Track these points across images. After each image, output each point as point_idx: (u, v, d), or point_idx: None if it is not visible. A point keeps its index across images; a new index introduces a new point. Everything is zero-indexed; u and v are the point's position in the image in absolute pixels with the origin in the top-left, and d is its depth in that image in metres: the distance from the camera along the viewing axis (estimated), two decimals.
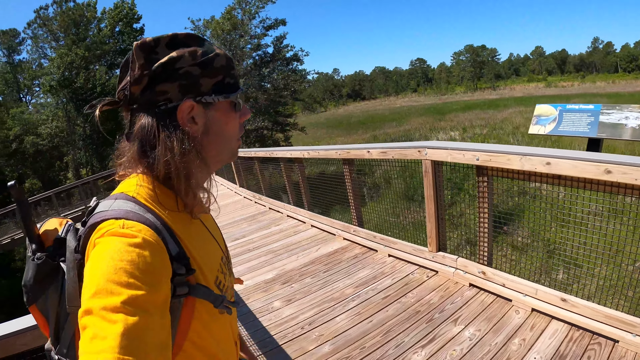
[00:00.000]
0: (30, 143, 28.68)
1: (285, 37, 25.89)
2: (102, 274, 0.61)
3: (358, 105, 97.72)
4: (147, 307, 0.61)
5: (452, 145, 3.08)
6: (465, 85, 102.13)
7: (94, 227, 0.71)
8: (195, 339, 0.81)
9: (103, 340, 0.54)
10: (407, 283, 3.62)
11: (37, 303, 0.83)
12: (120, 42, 29.75)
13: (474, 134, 30.27)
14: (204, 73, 0.79)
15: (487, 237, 3.04)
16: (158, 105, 0.77)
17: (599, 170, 2.14)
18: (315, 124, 59.02)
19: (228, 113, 0.85)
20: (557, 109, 3.34)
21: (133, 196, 0.76)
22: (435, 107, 57.52)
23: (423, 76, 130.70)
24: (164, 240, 0.72)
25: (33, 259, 0.82)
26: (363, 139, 37.49)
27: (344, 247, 4.82)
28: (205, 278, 0.81)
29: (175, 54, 0.76)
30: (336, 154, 4.77)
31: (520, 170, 2.59)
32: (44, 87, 26.42)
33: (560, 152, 2.38)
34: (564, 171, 2.31)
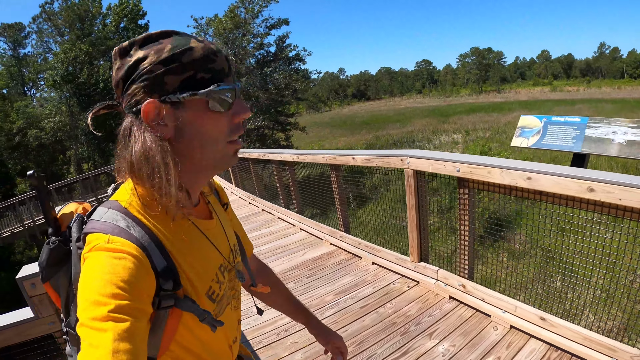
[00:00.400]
0: (33, 137, 28.65)
1: (287, 37, 25.78)
2: (90, 288, 0.64)
3: (363, 106, 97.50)
4: (134, 314, 0.63)
5: (433, 155, 2.98)
6: (471, 87, 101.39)
7: (86, 236, 0.74)
8: (181, 342, 0.82)
9: (97, 349, 0.58)
10: (387, 292, 3.53)
11: (50, 281, 0.88)
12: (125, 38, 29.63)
13: (477, 137, 30.10)
14: (169, 70, 0.73)
15: (467, 250, 2.93)
16: (130, 107, 0.76)
17: (581, 187, 2.03)
18: (320, 124, 58.96)
19: (203, 112, 0.76)
20: (542, 120, 3.19)
21: (125, 207, 0.77)
22: (439, 109, 57.30)
23: (428, 77, 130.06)
24: (148, 256, 0.72)
25: (48, 242, 0.86)
26: (366, 140, 37.40)
27: (330, 253, 4.73)
28: (195, 290, 0.81)
29: (141, 53, 0.74)
30: (323, 159, 4.67)
31: (501, 184, 2.48)
32: (48, 81, 26.41)
33: (542, 166, 2.26)
34: (545, 187, 2.20)
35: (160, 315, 0.75)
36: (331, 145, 37.52)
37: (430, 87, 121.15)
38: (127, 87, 0.75)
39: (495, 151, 20.88)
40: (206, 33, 25.09)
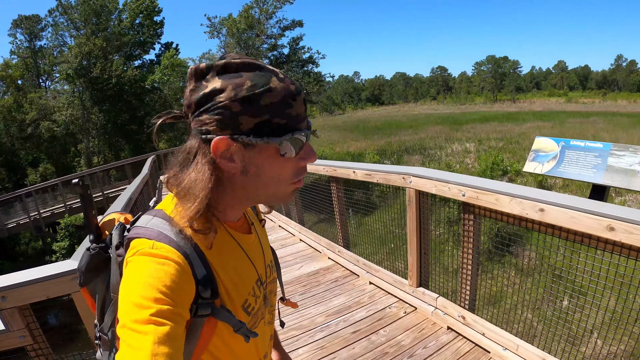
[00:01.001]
0: (45, 128, 28.63)
1: (301, 39, 25.49)
2: (133, 291, 0.65)
3: (376, 110, 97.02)
4: (174, 319, 0.64)
5: (438, 175, 2.72)
6: (485, 96, 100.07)
7: (130, 241, 0.75)
8: (214, 352, 0.82)
9: (137, 351, 0.59)
10: (381, 317, 3.28)
11: (87, 286, 0.90)
12: (140, 34, 29.63)
13: (489, 147, 29.64)
14: (245, 110, 0.71)
15: (470, 280, 2.67)
16: (200, 133, 0.74)
17: (600, 225, 1.77)
18: (332, 127, 58.68)
19: (273, 157, 0.75)
20: (560, 144, 2.88)
21: (170, 215, 0.77)
22: (453, 116, 56.74)
23: (443, 84, 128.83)
24: (190, 264, 0.73)
25: (89, 249, 0.87)
26: (377, 145, 37.03)
27: (327, 268, 4.49)
28: (232, 302, 0.81)
29: (219, 84, 0.71)
30: (323, 169, 4.44)
31: (510, 214, 2.22)
32: (61, 74, 26.33)
33: (556, 197, 2.00)
34: (559, 221, 1.94)
35: (196, 323, 0.75)
36: (342, 149, 37.24)
37: (444, 94, 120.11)
38: (200, 113, 0.73)
39: (507, 162, 20.53)
40: (219, 32, 24.96)
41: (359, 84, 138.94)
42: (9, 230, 17.00)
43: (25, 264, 19.01)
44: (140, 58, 31.43)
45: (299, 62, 25.55)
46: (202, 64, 0.74)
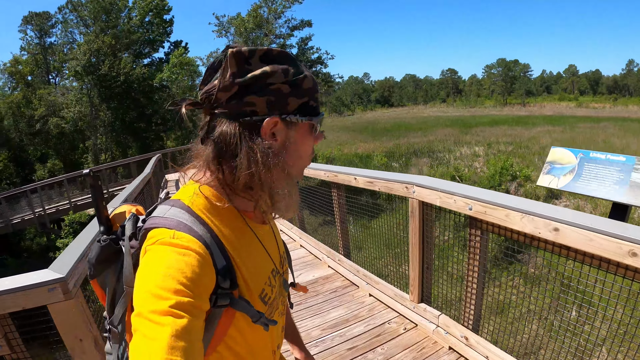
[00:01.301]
0: (54, 124, 28.73)
1: (310, 39, 25.27)
2: (152, 280, 0.64)
3: (386, 112, 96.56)
4: (193, 312, 0.63)
5: (443, 186, 2.52)
6: (495, 99, 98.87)
7: (148, 231, 0.75)
8: (230, 343, 0.82)
9: (153, 342, 0.57)
10: (380, 334, 3.08)
11: (97, 278, 0.88)
12: (149, 32, 29.51)
13: (498, 151, 29.27)
14: (293, 92, 0.78)
15: (474, 300, 2.47)
16: (243, 116, 0.76)
17: (621, 250, 1.57)
18: (341, 128, 58.47)
19: (307, 135, 0.84)
20: (578, 156, 2.46)
21: (189, 205, 0.78)
22: (462, 119, 56.29)
23: (453, 87, 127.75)
24: (211, 254, 0.73)
25: (99, 240, 0.87)
26: (386, 147, 36.77)
27: (327, 277, 4.30)
28: (250, 292, 0.82)
29: (269, 68, 0.75)
30: (324, 175, 4.25)
31: (521, 232, 2.02)
32: (70, 71, 26.32)
33: (573, 216, 1.79)
34: (575, 243, 1.74)
35: (214, 313, 0.75)
36: (350, 150, 37.01)
37: (454, 97, 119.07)
38: (244, 95, 0.75)
39: (517, 167, 20.18)
40: (227, 31, 24.81)
41: (368, 85, 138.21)
42: (13, 226, 16.98)
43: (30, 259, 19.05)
44: (149, 56, 31.33)
45: (308, 62, 25.31)
46: (243, 47, 0.77)
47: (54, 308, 1.77)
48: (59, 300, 1.74)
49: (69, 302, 1.76)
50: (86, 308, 1.92)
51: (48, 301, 1.75)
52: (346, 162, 32.16)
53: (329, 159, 31.93)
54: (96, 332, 1.93)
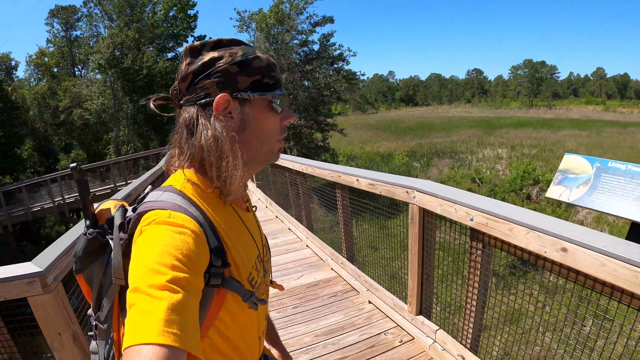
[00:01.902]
0: (78, 116, 28.94)
1: (332, 36, 24.86)
2: (149, 256, 0.65)
3: (410, 111, 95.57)
4: (189, 288, 0.64)
5: (444, 193, 2.29)
6: (521, 100, 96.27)
7: (142, 215, 0.75)
8: (220, 327, 0.83)
9: (150, 315, 0.57)
10: (374, 344, 2.88)
11: (83, 273, 0.87)
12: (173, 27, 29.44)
13: (522, 154, 28.59)
14: (241, 72, 0.82)
15: (474, 318, 2.24)
16: (199, 99, 0.81)
17: (637, 279, 1.33)
18: (364, 126, 58.12)
19: (265, 111, 0.85)
20: (594, 165, 2.12)
21: (180, 190, 0.81)
22: (487, 120, 55.25)
23: (479, 87, 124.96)
24: (205, 233, 0.75)
25: (85, 233, 0.86)
26: (408, 147, 36.35)
27: (328, 280, 4.11)
28: (239, 273, 0.83)
29: (216, 54, 0.81)
30: (329, 175, 4.04)
31: (525, 249, 1.77)
32: (93, 64, 26.42)
33: (585, 235, 1.53)
34: (585, 267, 1.50)
35: (207, 292, 0.76)
36: (372, 149, 36.70)
37: (479, 97, 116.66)
38: (198, 81, 0.81)
39: (539, 172, 19.58)
40: (249, 27, 24.59)
41: (393, 83, 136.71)
42: (33, 214, 17.30)
43: None
44: (173, 50, 31.17)
45: (329, 58, 25.01)
46: (195, 42, 0.84)
47: (33, 301, 1.80)
48: (38, 293, 1.78)
49: (48, 295, 1.79)
50: (67, 303, 1.93)
51: (27, 294, 1.78)
52: (367, 160, 31.98)
53: (350, 157, 31.73)
54: (76, 327, 1.96)
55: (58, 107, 30.29)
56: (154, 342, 0.55)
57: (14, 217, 17.30)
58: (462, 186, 19.45)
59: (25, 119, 29.11)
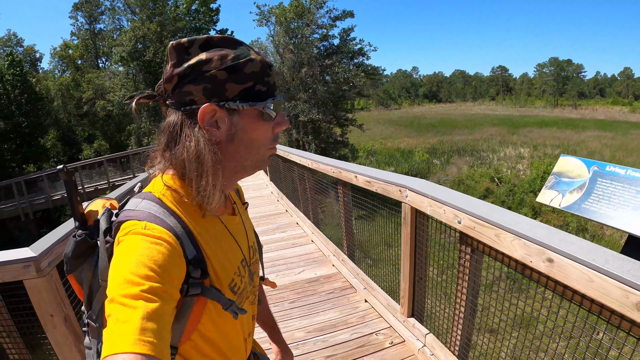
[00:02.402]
0: (101, 107, 29.21)
1: (352, 30, 24.51)
2: (125, 267, 0.64)
3: (433, 107, 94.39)
4: (164, 297, 0.63)
5: (435, 193, 2.17)
6: (546, 99, 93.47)
7: (121, 224, 0.74)
8: (203, 331, 0.82)
9: (125, 324, 0.57)
10: (364, 344, 2.81)
11: (74, 273, 0.86)
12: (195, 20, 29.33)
13: (545, 154, 27.94)
14: (231, 78, 0.75)
15: (462, 324, 2.14)
16: (184, 105, 0.76)
17: (627, 299, 1.18)
18: (387, 121, 57.71)
19: (256, 121, 0.80)
20: (591, 169, 1.89)
21: (159, 197, 0.78)
22: (511, 118, 54.19)
23: (503, 84, 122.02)
24: (181, 244, 0.73)
25: (74, 235, 0.84)
26: (429, 143, 35.93)
27: (328, 276, 4.04)
28: (220, 281, 0.82)
29: (204, 56, 0.74)
30: (331, 170, 3.95)
31: (512, 257, 1.64)
32: (115, 57, 26.55)
33: (574, 246, 1.40)
34: (572, 281, 1.36)
35: (186, 302, 0.75)
36: (393, 145, 36.37)
37: (504, 95, 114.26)
38: (183, 85, 0.75)
39: None
40: (268, 21, 24.45)
41: (417, 79, 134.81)
42: (53, 202, 17.82)
43: None
44: None
45: (349, 53, 24.73)
46: (183, 39, 0.76)
47: (28, 284, 1.91)
48: (32, 277, 1.88)
49: (41, 279, 1.90)
50: (60, 287, 2.02)
51: (23, 277, 1.88)
52: (387, 156, 31.72)
53: (370, 153, 31.51)
54: (68, 310, 2.05)
55: (81, 98, 30.71)
56: (129, 350, 0.54)
57: (35, 205, 17.93)
58: (480, 185, 19.10)
59: (50, 109, 29.63)
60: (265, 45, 24.85)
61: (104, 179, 18.14)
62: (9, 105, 25.75)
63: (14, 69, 26.55)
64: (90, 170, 18.97)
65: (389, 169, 28.67)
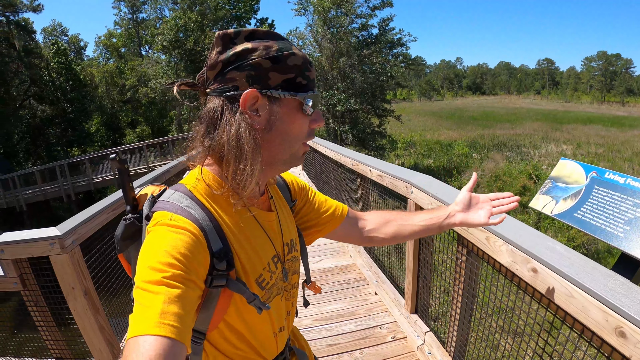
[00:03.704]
0: (143, 93, 29.91)
1: (391, 20, 23.89)
2: (149, 256, 0.67)
3: (476, 100, 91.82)
4: (186, 283, 0.66)
5: (435, 190, 2.08)
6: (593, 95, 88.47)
7: (152, 214, 0.77)
8: (229, 321, 0.84)
9: (148, 308, 0.60)
10: (366, 337, 2.81)
11: (123, 253, 0.91)
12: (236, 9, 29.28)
13: (588, 152, 26.69)
14: (275, 67, 0.76)
15: (457, 326, 2.11)
16: (226, 91, 0.77)
17: (607, 322, 1.08)
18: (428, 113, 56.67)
19: (294, 113, 0.81)
20: (589, 175, 1.71)
21: (190, 190, 0.80)
22: (555, 113, 51.96)
23: (549, 78, 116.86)
24: (205, 236, 0.75)
25: (124, 219, 0.89)
26: (469, 137, 35.03)
27: (344, 267, 4.05)
28: (246, 275, 0.82)
29: (250, 45, 0.76)
30: (350, 162, 3.95)
31: (502, 263, 1.57)
32: (157, 45, 27.04)
33: (558, 255, 1.34)
34: (553, 294, 1.29)
35: (212, 293, 0.77)
36: (432, 137, 35.67)
37: (549, 89, 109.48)
38: (228, 72, 0.76)
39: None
40: (306, 10, 24.15)
41: (460, 70, 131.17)
42: (95, 184, 18.64)
43: None
44: None
45: (388, 43, 24.23)
46: (229, 30, 0.78)
47: (53, 259, 2.11)
48: (57, 253, 2.08)
49: (65, 255, 2.09)
50: (82, 263, 2.23)
51: (49, 253, 2.09)
52: (426, 148, 31.20)
53: (409, 144, 31.04)
54: (89, 284, 2.26)
55: (125, 85, 31.49)
56: (151, 333, 0.57)
57: (77, 187, 18.76)
58: (517, 182, 18.47)
59: (94, 95, 30.73)
60: (303, 35, 24.67)
61: (144, 163, 18.74)
62: (55, 91, 27.06)
63: (59, 57, 27.78)
64: (132, 155, 19.66)
65: (427, 161, 28.17)
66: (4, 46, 24.12)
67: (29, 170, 20.80)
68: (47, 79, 26.97)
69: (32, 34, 27.25)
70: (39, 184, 18.57)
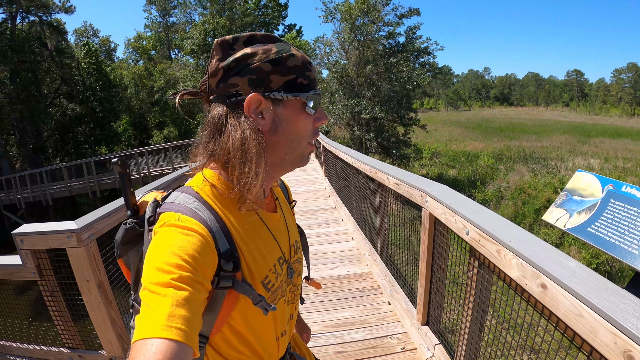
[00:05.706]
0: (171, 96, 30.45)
1: (418, 28, 23.78)
2: (157, 258, 0.66)
3: (503, 110, 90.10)
4: (194, 285, 0.65)
5: (449, 200, 2.05)
6: (622, 108, 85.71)
7: (159, 215, 0.77)
8: (232, 324, 0.83)
9: (155, 311, 0.59)
10: (375, 346, 2.77)
11: (123, 258, 0.91)
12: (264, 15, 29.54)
13: (615, 167, 25.87)
14: (275, 70, 0.78)
15: (467, 339, 2.06)
16: (229, 97, 0.78)
17: (615, 345, 1.02)
18: (454, 122, 55.96)
19: (298, 112, 0.82)
20: (605, 188, 1.63)
21: (197, 192, 0.80)
22: (583, 126, 50.51)
23: (578, 90, 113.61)
24: (213, 237, 0.74)
25: (125, 223, 0.89)
26: (495, 148, 34.40)
27: (359, 275, 4.02)
28: (252, 276, 0.82)
29: (249, 50, 0.77)
30: (369, 170, 3.94)
31: (512, 277, 1.51)
32: (185, 49, 27.51)
33: (569, 271, 1.27)
34: (562, 312, 1.22)
35: (218, 294, 0.76)
36: (458, 147, 35.18)
37: (578, 101, 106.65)
38: (228, 78, 0.78)
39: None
40: (334, 17, 24.18)
41: (488, 80, 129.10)
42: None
43: None
44: None
45: (415, 51, 24.09)
46: (227, 36, 0.79)
47: (70, 251, 2.18)
48: (74, 246, 2.15)
49: (81, 248, 2.16)
50: (98, 257, 2.29)
51: (66, 245, 2.16)
52: (451, 158, 30.76)
53: (434, 154, 30.69)
54: (103, 277, 2.31)
55: (153, 87, 31.87)
56: (158, 335, 0.56)
57: (102, 184, 19.27)
58: (542, 195, 18.04)
59: (123, 96, 31.25)
60: (330, 42, 24.71)
61: (169, 164, 19.10)
62: (85, 91, 27.73)
63: (89, 57, 28.49)
64: (157, 156, 20.03)
65: (451, 171, 27.79)
66: (36, 45, 24.92)
67: (57, 166, 21.50)
68: (77, 79, 27.74)
69: (64, 35, 28.04)
70: (66, 180, 19.16)
